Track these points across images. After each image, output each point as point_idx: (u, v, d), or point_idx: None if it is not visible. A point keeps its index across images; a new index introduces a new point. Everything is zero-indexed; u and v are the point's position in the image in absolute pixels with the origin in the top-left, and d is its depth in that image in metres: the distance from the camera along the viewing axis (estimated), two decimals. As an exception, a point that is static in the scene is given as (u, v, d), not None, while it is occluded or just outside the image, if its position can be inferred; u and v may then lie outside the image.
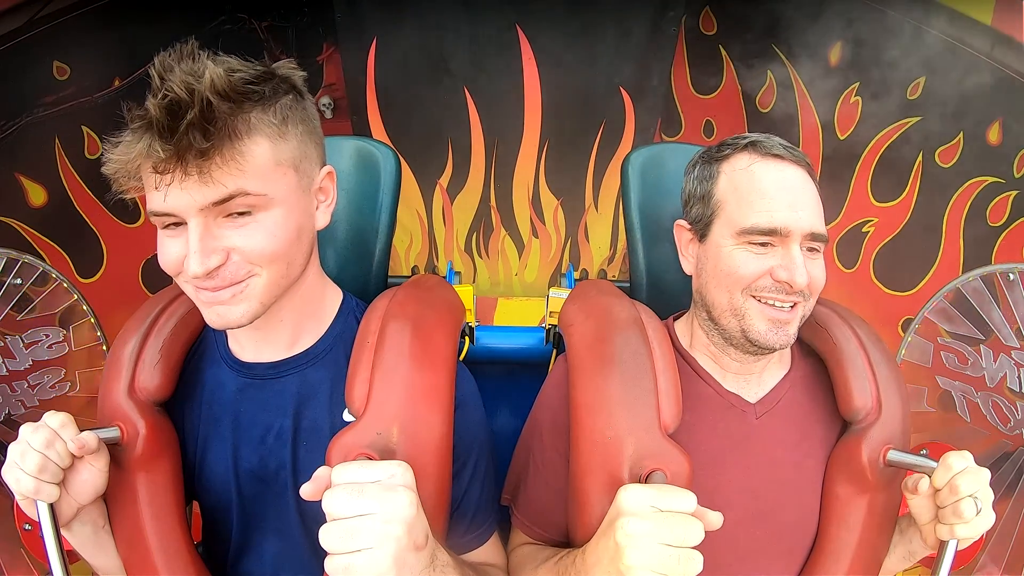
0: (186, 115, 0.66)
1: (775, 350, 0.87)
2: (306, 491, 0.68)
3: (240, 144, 0.70)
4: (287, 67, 0.78)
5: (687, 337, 0.97)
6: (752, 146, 0.89)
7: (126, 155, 0.69)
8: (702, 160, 0.94)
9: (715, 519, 0.69)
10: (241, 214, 0.73)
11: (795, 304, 0.86)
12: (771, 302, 0.85)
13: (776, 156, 0.87)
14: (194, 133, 0.67)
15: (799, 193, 0.86)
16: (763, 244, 0.85)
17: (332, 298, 0.91)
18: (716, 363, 0.94)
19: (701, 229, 0.91)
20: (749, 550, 0.89)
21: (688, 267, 0.96)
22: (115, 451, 0.81)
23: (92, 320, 1.73)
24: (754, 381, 0.93)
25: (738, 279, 0.86)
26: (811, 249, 0.87)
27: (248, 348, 0.87)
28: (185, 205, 0.70)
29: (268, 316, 0.81)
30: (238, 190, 0.71)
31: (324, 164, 0.84)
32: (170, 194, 0.70)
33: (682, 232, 0.96)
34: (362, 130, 2.04)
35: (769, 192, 0.85)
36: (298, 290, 0.84)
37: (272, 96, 0.74)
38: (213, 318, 0.76)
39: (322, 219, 0.84)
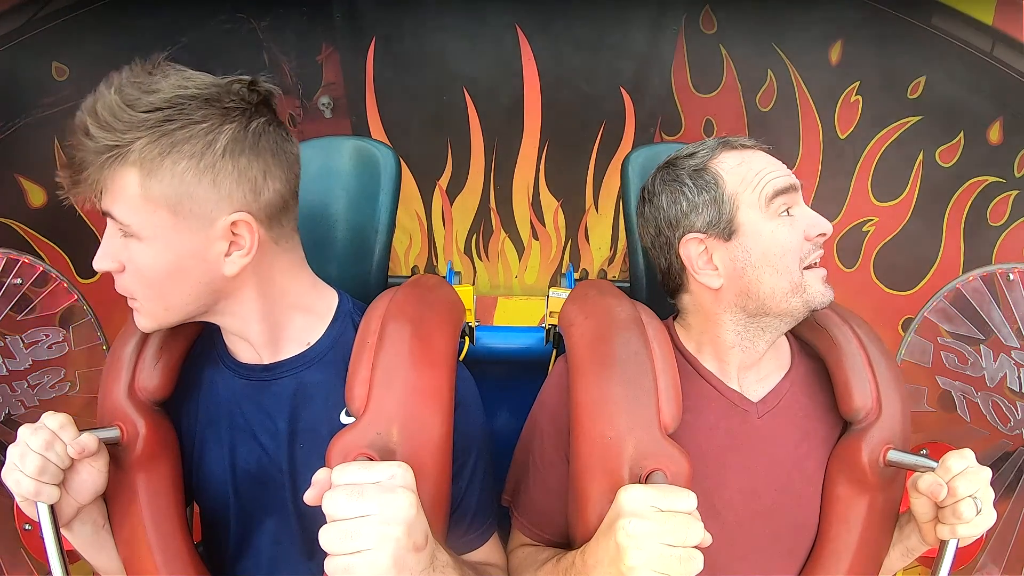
0: (76, 133, 0.71)
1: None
2: (309, 497, 0.68)
3: (108, 171, 0.71)
4: (265, 84, 0.77)
5: (689, 338, 0.97)
6: (726, 145, 0.92)
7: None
8: (686, 175, 0.91)
9: (705, 538, 0.69)
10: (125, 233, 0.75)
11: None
12: (815, 263, 0.89)
13: (750, 147, 0.92)
14: (74, 153, 0.71)
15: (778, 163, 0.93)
16: (787, 211, 0.88)
17: (327, 301, 0.91)
18: (720, 361, 0.93)
19: (725, 228, 0.88)
20: (749, 550, 0.89)
21: (713, 279, 0.88)
22: (115, 451, 0.81)
23: (92, 320, 1.72)
24: (753, 377, 0.93)
25: (791, 253, 0.86)
26: None
27: (245, 349, 0.87)
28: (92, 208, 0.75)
29: (258, 323, 0.83)
30: (108, 212, 0.74)
31: (247, 210, 0.75)
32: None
33: (695, 245, 0.89)
34: (361, 130, 2.03)
35: (766, 167, 0.90)
36: (269, 311, 0.84)
37: (170, 125, 0.70)
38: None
39: (230, 268, 0.76)
